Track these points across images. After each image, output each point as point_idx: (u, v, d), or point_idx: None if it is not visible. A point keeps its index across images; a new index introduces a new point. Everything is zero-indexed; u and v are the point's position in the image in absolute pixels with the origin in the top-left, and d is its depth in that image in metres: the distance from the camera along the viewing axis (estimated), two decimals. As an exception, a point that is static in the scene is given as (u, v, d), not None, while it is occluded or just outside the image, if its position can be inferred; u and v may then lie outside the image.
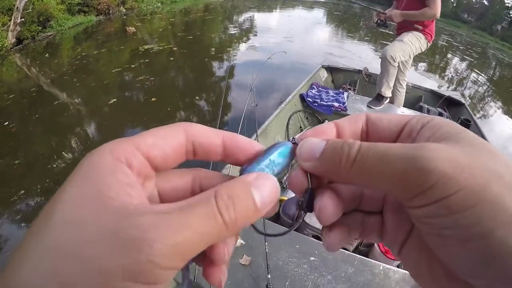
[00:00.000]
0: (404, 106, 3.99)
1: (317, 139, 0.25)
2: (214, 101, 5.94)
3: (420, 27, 3.36)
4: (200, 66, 7.94)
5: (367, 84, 4.64)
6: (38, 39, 9.51)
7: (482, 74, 11.12)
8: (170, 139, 0.23)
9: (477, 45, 17.51)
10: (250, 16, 15.10)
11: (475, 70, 11.54)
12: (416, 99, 4.48)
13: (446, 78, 9.95)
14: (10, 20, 8.81)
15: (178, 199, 0.21)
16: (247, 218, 0.21)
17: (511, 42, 19.98)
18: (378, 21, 3.77)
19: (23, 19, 9.01)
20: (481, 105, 8.25)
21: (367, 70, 4.72)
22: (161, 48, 8.83)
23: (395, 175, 0.19)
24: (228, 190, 0.20)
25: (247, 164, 0.25)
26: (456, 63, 12.23)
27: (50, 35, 9.87)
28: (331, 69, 4.95)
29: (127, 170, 0.20)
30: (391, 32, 3.83)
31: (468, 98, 8.06)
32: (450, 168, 0.18)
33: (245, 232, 1.75)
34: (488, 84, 10.22)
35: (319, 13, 19.19)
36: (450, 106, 4.25)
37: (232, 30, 12.18)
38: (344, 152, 0.22)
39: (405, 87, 3.95)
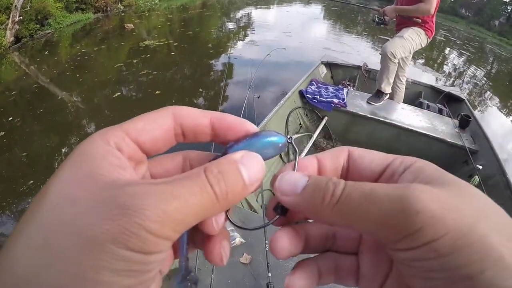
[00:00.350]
0: (403, 102, 3.98)
1: (299, 173, 0.24)
2: (213, 96, 5.95)
3: (419, 20, 3.35)
4: (199, 62, 7.94)
5: (367, 80, 4.63)
6: (36, 37, 9.48)
7: (480, 69, 11.14)
8: (159, 123, 0.23)
9: (475, 40, 17.48)
10: (248, 12, 15.08)
11: (472, 64, 11.56)
12: (415, 95, 4.47)
13: (443, 72, 9.97)
14: (8, 18, 8.78)
15: None
16: (236, 193, 0.21)
17: (508, 37, 20.01)
18: (377, 20, 3.77)
19: (21, 17, 8.97)
20: (478, 99, 8.29)
21: (367, 66, 4.70)
22: (161, 43, 8.88)
23: (381, 216, 0.19)
24: (218, 166, 0.21)
25: (233, 142, 0.25)
26: (454, 58, 12.23)
27: (49, 33, 9.84)
28: (330, 65, 4.93)
29: (118, 154, 0.21)
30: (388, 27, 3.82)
31: (465, 92, 8.09)
32: (438, 209, 0.17)
33: (245, 231, 1.75)
34: (485, 78, 10.25)
35: (316, 9, 19.18)
36: (450, 101, 4.25)
37: (231, 26, 12.17)
38: (329, 190, 0.21)
39: (405, 83, 3.93)
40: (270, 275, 1.47)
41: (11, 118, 4.87)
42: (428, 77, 8.15)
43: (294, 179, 0.23)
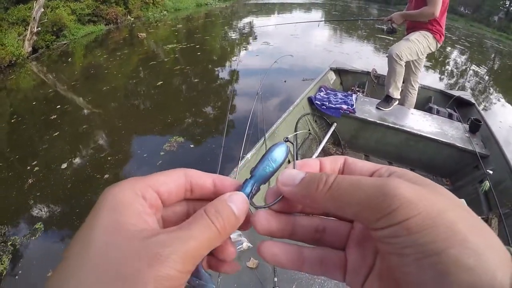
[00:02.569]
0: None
1: (298, 170, 0.29)
2: (220, 105, 6.04)
3: (426, 21, 3.33)
4: (206, 71, 8.18)
5: (376, 86, 4.62)
6: (52, 48, 9.81)
7: (482, 66, 11.11)
8: (175, 179, 0.29)
9: (473, 36, 17.43)
10: (250, 21, 15.30)
11: (474, 61, 11.61)
12: (425, 100, 4.44)
13: (445, 72, 10.03)
14: (25, 30, 9.09)
15: (177, 220, 0.30)
16: (232, 224, 0.27)
17: (508, 32, 19.96)
18: (386, 29, 3.77)
19: (39, 29, 9.29)
20: (483, 97, 8.27)
21: (376, 72, 4.69)
22: (184, 46, 9.94)
23: (364, 199, 0.22)
24: (213, 207, 0.26)
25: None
26: (456, 56, 12.18)
27: (65, 43, 10.17)
28: (339, 71, 4.94)
29: (143, 201, 0.26)
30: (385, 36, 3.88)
31: (469, 89, 8.16)
32: (412, 196, 0.21)
33: (252, 236, 1.77)
34: (488, 74, 10.27)
35: (317, 14, 19.35)
36: (460, 106, 4.20)
37: (236, 35, 12.44)
38: (322, 179, 0.26)
39: (417, 88, 3.89)
40: (276, 279, 1.49)
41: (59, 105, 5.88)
42: (432, 78, 8.27)
43: (293, 174, 0.28)
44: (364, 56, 9.65)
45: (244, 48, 10.47)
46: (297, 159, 0.30)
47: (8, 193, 3.73)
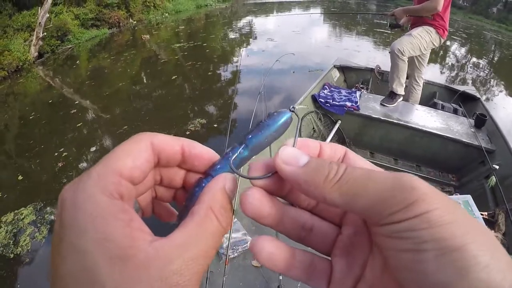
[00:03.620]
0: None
1: (300, 151, 0.25)
2: (224, 105, 6.07)
3: (430, 17, 3.32)
4: (208, 71, 8.30)
5: (380, 82, 4.60)
6: (58, 52, 9.94)
7: (483, 58, 11.15)
8: (143, 156, 0.25)
9: (472, 28, 17.43)
10: (249, 21, 15.40)
11: (473, 53, 11.70)
12: (430, 96, 4.41)
13: (446, 64, 10.11)
14: (30, 35, 9.21)
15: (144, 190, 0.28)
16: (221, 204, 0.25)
17: (507, 23, 19.72)
18: (390, 23, 3.77)
19: (45, 34, 9.43)
20: (484, 88, 8.30)
21: (380, 68, 4.67)
22: (191, 45, 10.29)
23: (380, 191, 0.21)
24: (215, 210, 0.24)
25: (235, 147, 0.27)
26: (456, 49, 12.17)
27: (70, 47, 10.29)
28: (343, 69, 4.92)
29: (122, 206, 0.22)
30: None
31: (470, 80, 8.24)
32: (428, 190, 0.20)
33: (259, 233, 1.77)
34: (488, 66, 10.29)
35: (316, 11, 19.37)
36: (465, 101, 4.17)
37: (236, 34, 12.55)
38: (333, 168, 0.23)
39: (421, 84, 3.88)
40: (281, 278, 1.49)
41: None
42: (432, 71, 8.32)
43: (297, 154, 0.25)
44: (364, 50, 9.78)
45: (246, 47, 10.56)
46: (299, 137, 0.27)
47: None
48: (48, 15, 9.51)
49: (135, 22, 13.81)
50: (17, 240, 3.19)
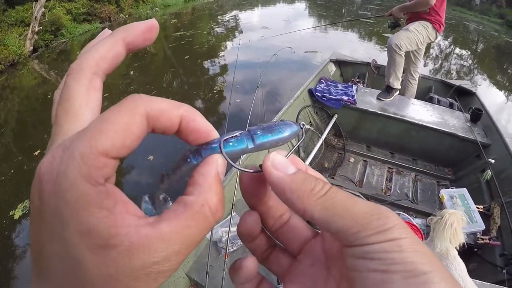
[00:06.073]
0: None
1: (289, 162, 0.26)
2: (221, 99, 6.06)
3: (427, 11, 3.35)
4: (200, 65, 8.29)
5: (376, 77, 4.60)
6: (52, 46, 9.93)
7: (465, 49, 11.69)
8: (135, 133, 0.21)
9: (454, 19, 17.81)
10: (235, 15, 15.62)
11: (457, 44, 12.19)
12: (426, 90, 4.42)
13: (430, 55, 10.45)
14: (24, 30, 9.21)
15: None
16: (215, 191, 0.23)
17: (489, 14, 20.55)
18: (390, 24, 3.78)
19: (40, 28, 9.43)
20: (469, 76, 8.62)
21: (376, 62, 4.67)
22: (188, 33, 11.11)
23: (359, 214, 0.23)
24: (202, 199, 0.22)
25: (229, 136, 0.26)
26: (439, 40, 12.42)
27: (64, 42, 10.28)
28: (339, 63, 4.92)
29: (107, 190, 0.20)
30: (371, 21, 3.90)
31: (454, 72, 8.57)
32: (402, 223, 0.23)
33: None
34: (472, 56, 10.81)
35: (301, 5, 19.49)
36: (461, 95, 4.18)
37: (225, 29, 12.75)
38: (320, 183, 0.25)
39: (417, 79, 3.90)
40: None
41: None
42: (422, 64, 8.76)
43: (286, 163, 0.26)
44: (353, 41, 10.18)
45: (240, 39, 10.55)
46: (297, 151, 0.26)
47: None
48: (43, 9, 9.48)
49: (125, 16, 14.00)
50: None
